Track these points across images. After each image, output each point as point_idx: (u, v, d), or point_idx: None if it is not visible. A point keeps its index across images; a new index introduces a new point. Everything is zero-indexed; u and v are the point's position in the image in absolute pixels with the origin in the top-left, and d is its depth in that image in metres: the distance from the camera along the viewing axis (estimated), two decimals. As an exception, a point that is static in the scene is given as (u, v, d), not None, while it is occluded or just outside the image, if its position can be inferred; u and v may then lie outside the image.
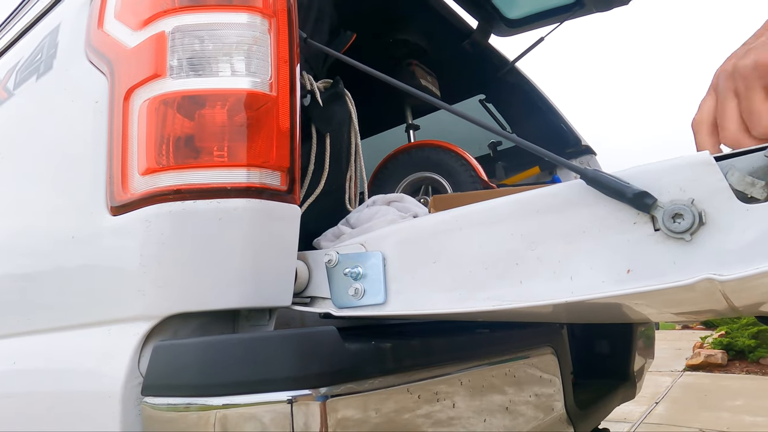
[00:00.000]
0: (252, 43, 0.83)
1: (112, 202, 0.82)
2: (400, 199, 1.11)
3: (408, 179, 2.06)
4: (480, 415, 0.92)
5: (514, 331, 1.11)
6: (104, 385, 0.77)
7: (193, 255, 0.77)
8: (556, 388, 1.23)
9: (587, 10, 2.38)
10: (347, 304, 0.85)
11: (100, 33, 0.91)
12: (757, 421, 3.87)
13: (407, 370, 0.79)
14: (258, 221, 0.79)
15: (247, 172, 0.79)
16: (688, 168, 0.61)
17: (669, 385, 5.52)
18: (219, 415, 0.65)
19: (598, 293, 0.65)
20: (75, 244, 0.89)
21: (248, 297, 0.79)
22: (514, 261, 0.72)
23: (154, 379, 0.72)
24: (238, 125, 0.79)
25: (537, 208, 0.71)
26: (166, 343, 0.73)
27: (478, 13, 2.45)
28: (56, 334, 0.92)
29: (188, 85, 0.80)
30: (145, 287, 0.77)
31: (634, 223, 0.64)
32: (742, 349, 6.62)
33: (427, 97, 0.94)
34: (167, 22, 0.82)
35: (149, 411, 0.71)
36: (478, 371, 0.94)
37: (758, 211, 0.57)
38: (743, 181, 0.59)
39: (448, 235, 0.78)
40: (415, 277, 0.80)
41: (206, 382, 0.67)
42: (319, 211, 1.19)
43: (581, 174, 0.67)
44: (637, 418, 4.08)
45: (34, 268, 1.01)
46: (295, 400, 0.63)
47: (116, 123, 0.83)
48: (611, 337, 2.05)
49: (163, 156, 0.78)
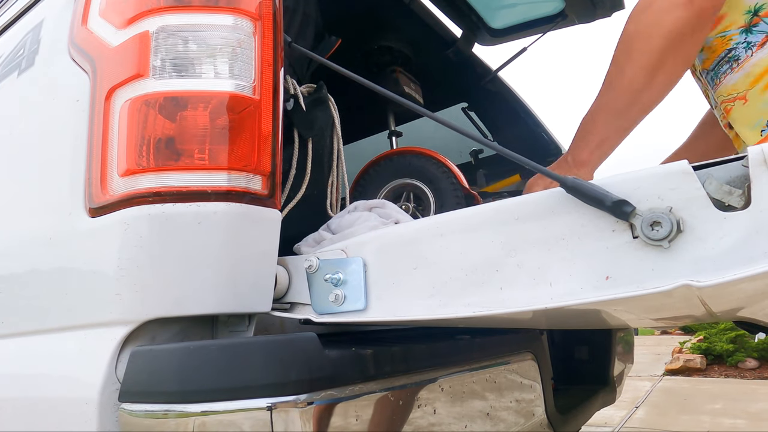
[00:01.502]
0: (236, 46, 0.82)
1: (91, 203, 0.81)
2: (382, 205, 1.11)
3: (390, 185, 2.06)
4: (461, 421, 0.92)
5: (494, 337, 1.12)
6: (80, 391, 0.76)
7: (172, 259, 0.76)
8: (537, 393, 1.23)
9: (570, 21, 2.40)
10: (327, 310, 0.84)
11: (83, 30, 0.90)
12: (737, 424, 3.93)
13: (388, 377, 0.79)
14: (238, 225, 0.79)
15: (228, 176, 0.78)
16: (667, 177, 0.62)
17: (649, 389, 5.57)
18: (197, 422, 0.64)
19: (577, 300, 0.65)
20: (51, 245, 0.88)
21: (227, 302, 0.78)
22: (494, 268, 0.72)
23: (131, 386, 0.71)
24: (219, 128, 0.78)
25: (517, 216, 0.72)
26: (143, 349, 0.72)
27: (462, 22, 2.47)
28: (31, 338, 0.90)
29: (171, 86, 0.79)
30: (122, 291, 0.76)
31: (613, 231, 0.65)
32: (720, 353, 6.72)
33: (409, 104, 0.94)
34: (151, 22, 0.82)
35: (126, 418, 0.70)
36: (458, 377, 0.94)
37: (735, 219, 0.59)
38: (720, 190, 0.60)
39: (428, 242, 0.78)
40: (396, 283, 0.80)
41: (184, 388, 0.66)
42: (300, 216, 1.19)
43: (561, 182, 0.68)
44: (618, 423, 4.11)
45: (9, 269, 0.99)
46: (275, 407, 0.62)
47: (97, 123, 0.82)
48: (591, 343, 2.07)
49: (143, 157, 0.77)
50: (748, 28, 0.92)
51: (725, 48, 0.96)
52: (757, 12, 0.92)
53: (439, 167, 1.98)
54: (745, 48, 0.93)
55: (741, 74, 0.94)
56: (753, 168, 0.58)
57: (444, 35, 2.50)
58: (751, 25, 0.92)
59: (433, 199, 1.95)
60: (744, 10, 0.93)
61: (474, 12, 2.44)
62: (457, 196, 1.92)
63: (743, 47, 0.94)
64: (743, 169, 0.59)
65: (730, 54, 0.95)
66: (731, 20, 0.94)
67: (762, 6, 0.91)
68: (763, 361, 6.47)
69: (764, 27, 0.91)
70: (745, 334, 6.73)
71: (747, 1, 0.93)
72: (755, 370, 6.37)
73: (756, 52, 0.92)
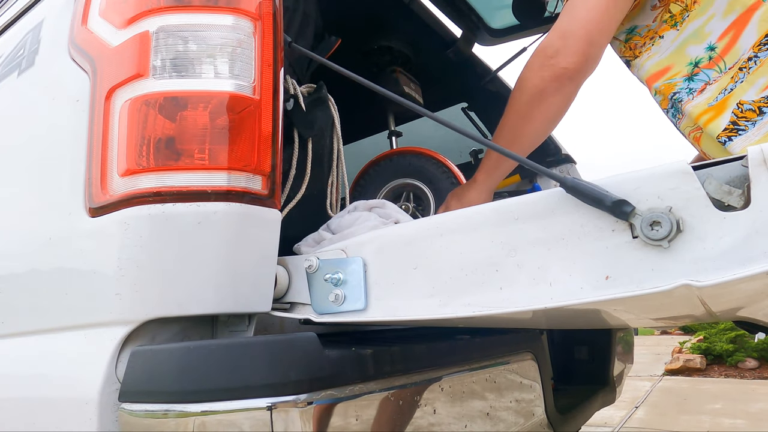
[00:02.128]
0: (236, 46, 0.82)
1: (91, 203, 0.81)
2: (382, 205, 1.11)
3: (389, 185, 2.06)
4: (461, 421, 0.93)
5: (494, 337, 1.12)
6: (80, 390, 0.75)
7: (172, 259, 0.76)
8: (537, 393, 1.23)
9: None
10: (327, 310, 0.84)
11: (83, 30, 0.90)
12: (737, 424, 3.93)
13: (388, 377, 0.79)
14: (238, 225, 0.79)
15: (228, 176, 0.78)
16: (666, 177, 0.62)
17: (648, 389, 5.57)
18: (197, 421, 0.64)
19: (576, 299, 0.65)
20: (52, 245, 0.88)
21: (227, 302, 0.78)
22: (494, 268, 0.72)
23: (131, 385, 0.71)
24: (219, 128, 0.78)
25: (517, 216, 0.72)
26: (143, 349, 0.72)
27: (462, 23, 2.47)
28: (31, 338, 0.90)
29: (171, 86, 0.79)
30: (122, 291, 0.76)
31: (613, 231, 0.65)
32: (720, 353, 6.73)
33: (409, 104, 0.94)
34: (151, 22, 0.82)
35: (126, 417, 0.70)
36: (458, 377, 0.94)
37: (734, 219, 0.59)
38: (720, 190, 0.60)
39: (428, 242, 0.78)
40: (395, 283, 0.80)
41: (184, 388, 0.66)
42: (300, 216, 1.19)
43: (561, 182, 0.68)
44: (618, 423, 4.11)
45: (9, 269, 0.99)
46: (275, 407, 0.62)
47: (97, 122, 0.82)
48: (591, 343, 2.07)
49: (143, 157, 0.77)
50: (690, 77, 1.05)
51: (671, 91, 1.07)
52: (697, 64, 1.04)
53: (439, 167, 1.98)
54: (688, 93, 1.06)
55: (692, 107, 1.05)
56: (752, 168, 0.58)
57: (444, 35, 2.50)
58: (692, 75, 1.05)
59: (433, 199, 1.95)
60: (687, 62, 1.05)
61: (474, 12, 2.44)
62: (456, 196, 1.92)
63: (686, 92, 1.06)
64: (743, 169, 0.59)
65: (675, 96, 1.07)
66: (677, 70, 1.07)
67: (700, 59, 1.04)
68: (763, 361, 6.48)
69: (704, 77, 1.04)
70: (745, 334, 6.73)
71: (688, 54, 1.05)
72: (755, 370, 6.38)
73: (696, 97, 1.04)
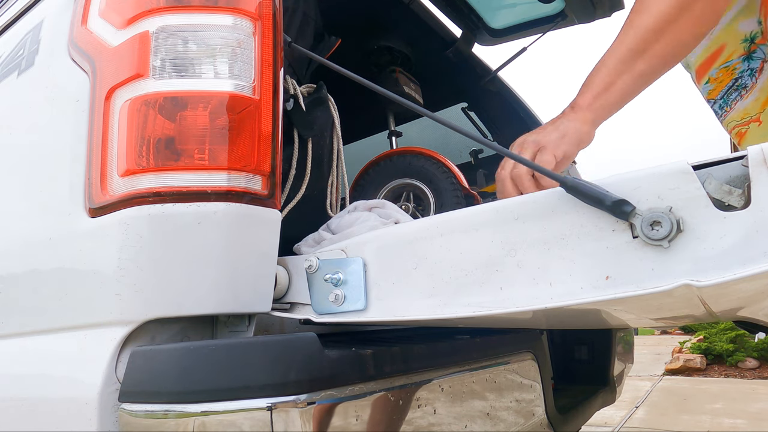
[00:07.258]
0: (236, 46, 0.82)
1: (90, 203, 0.81)
2: (382, 206, 1.11)
3: (389, 185, 2.06)
4: (461, 421, 0.92)
5: (494, 337, 1.12)
6: (80, 391, 0.75)
7: (172, 259, 0.76)
8: (537, 393, 1.23)
9: (570, 21, 2.40)
10: (327, 311, 0.84)
11: (83, 30, 0.90)
12: (737, 424, 3.93)
13: (388, 377, 0.79)
14: (238, 226, 0.79)
15: (228, 176, 0.78)
16: (666, 176, 0.62)
17: (649, 389, 5.58)
18: (197, 422, 0.64)
19: (577, 299, 0.65)
20: (51, 245, 0.88)
21: (227, 302, 0.78)
22: (494, 268, 0.72)
23: (131, 386, 0.71)
24: (219, 128, 0.78)
25: (517, 216, 0.72)
26: (143, 349, 0.72)
27: (462, 23, 2.47)
28: (31, 338, 0.90)
29: (170, 86, 0.79)
30: (122, 291, 0.76)
31: (613, 231, 0.65)
32: (720, 353, 6.73)
33: (409, 104, 0.94)
34: (151, 22, 0.82)
35: (126, 418, 0.70)
36: (458, 377, 0.94)
37: (735, 219, 0.59)
38: (720, 190, 0.60)
39: (428, 242, 0.78)
40: (395, 283, 0.80)
41: (184, 388, 0.66)
42: (300, 216, 1.19)
43: (561, 182, 0.68)
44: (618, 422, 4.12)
45: (9, 269, 0.99)
46: (275, 407, 0.62)
47: (96, 123, 0.82)
48: (591, 343, 2.07)
49: (143, 157, 0.77)
50: (748, 56, 0.96)
51: (732, 78, 0.99)
52: (753, 40, 0.94)
53: (439, 167, 1.98)
54: (750, 75, 0.97)
55: (751, 99, 0.98)
56: (753, 168, 0.58)
57: (444, 35, 2.50)
58: (750, 52, 0.96)
59: (433, 199, 1.95)
60: (741, 38, 0.95)
61: (474, 12, 2.44)
62: (457, 196, 1.92)
63: (748, 75, 0.97)
64: (743, 169, 0.59)
65: (737, 83, 0.99)
66: (732, 50, 0.97)
67: (756, 34, 0.94)
68: (763, 361, 6.48)
69: (760, 53, 0.95)
70: (745, 334, 6.74)
71: (742, 29, 0.95)
72: (755, 370, 6.38)
73: (759, 78, 0.97)
